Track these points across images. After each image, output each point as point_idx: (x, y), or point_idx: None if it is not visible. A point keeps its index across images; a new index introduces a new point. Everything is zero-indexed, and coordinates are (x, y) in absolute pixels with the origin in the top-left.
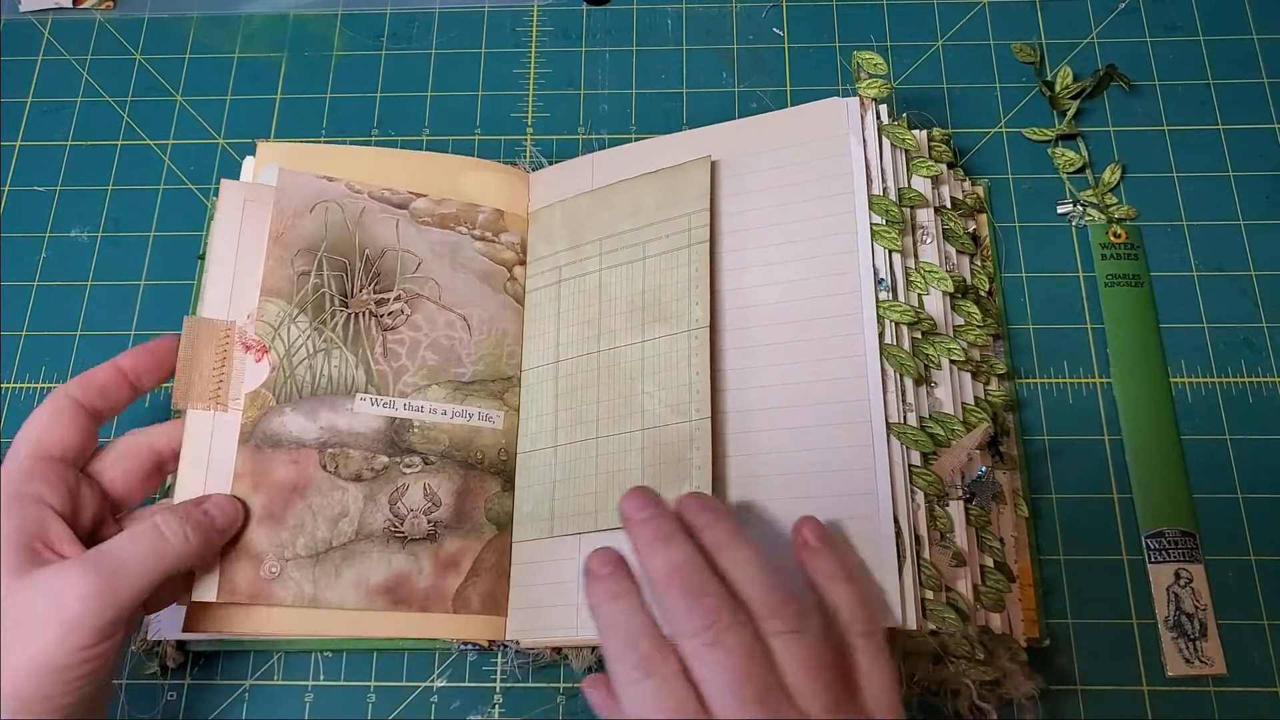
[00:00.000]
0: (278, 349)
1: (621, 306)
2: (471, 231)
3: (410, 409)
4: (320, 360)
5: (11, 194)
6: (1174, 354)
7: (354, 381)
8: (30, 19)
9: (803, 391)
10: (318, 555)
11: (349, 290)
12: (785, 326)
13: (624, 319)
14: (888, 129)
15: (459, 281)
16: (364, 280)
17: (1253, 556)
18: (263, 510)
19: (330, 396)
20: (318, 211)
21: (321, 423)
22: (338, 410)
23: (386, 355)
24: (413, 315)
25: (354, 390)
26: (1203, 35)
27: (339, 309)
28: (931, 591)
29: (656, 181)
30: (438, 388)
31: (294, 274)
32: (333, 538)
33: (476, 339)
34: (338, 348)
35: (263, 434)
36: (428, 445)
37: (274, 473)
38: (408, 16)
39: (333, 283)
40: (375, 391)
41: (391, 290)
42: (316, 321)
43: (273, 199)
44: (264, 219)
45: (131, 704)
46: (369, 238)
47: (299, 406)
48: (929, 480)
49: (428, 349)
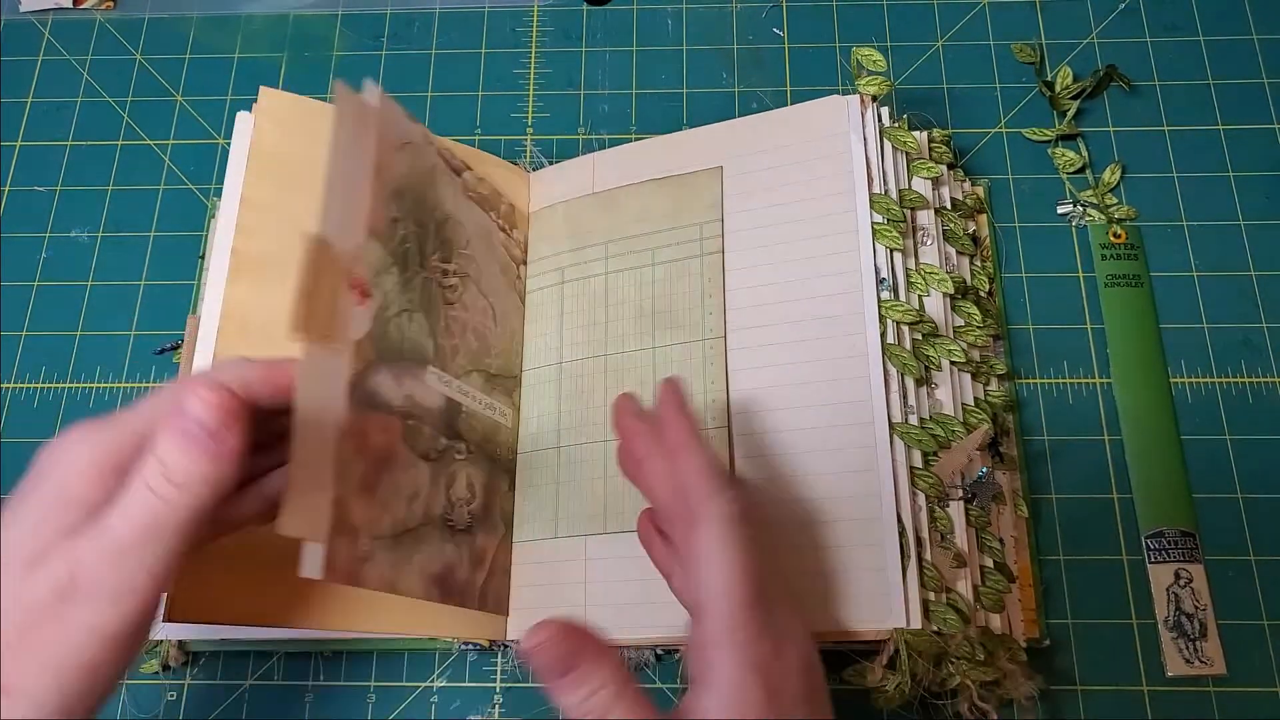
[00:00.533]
0: (376, 299)
1: (630, 311)
2: (497, 220)
3: (463, 393)
4: (405, 321)
5: (11, 194)
6: (1174, 354)
7: (425, 351)
8: (30, 19)
9: (805, 392)
10: (398, 537)
11: (424, 251)
12: (786, 326)
13: (633, 324)
14: (889, 131)
15: (490, 269)
16: (434, 244)
17: (1253, 556)
18: (360, 480)
19: (411, 363)
20: (406, 151)
21: (405, 390)
22: (417, 379)
23: (447, 330)
24: (463, 294)
25: (425, 360)
26: (1203, 35)
27: (418, 269)
28: (933, 592)
29: (665, 188)
30: (477, 374)
31: (388, 218)
32: (408, 519)
33: (498, 331)
34: (417, 311)
35: (363, 392)
36: (470, 433)
37: (370, 437)
38: (408, 16)
39: (415, 238)
40: (439, 367)
41: (450, 262)
42: (404, 277)
43: (374, 122)
44: (369, 140)
45: (131, 704)
46: (438, 197)
47: (390, 368)
48: (930, 482)
49: (471, 332)
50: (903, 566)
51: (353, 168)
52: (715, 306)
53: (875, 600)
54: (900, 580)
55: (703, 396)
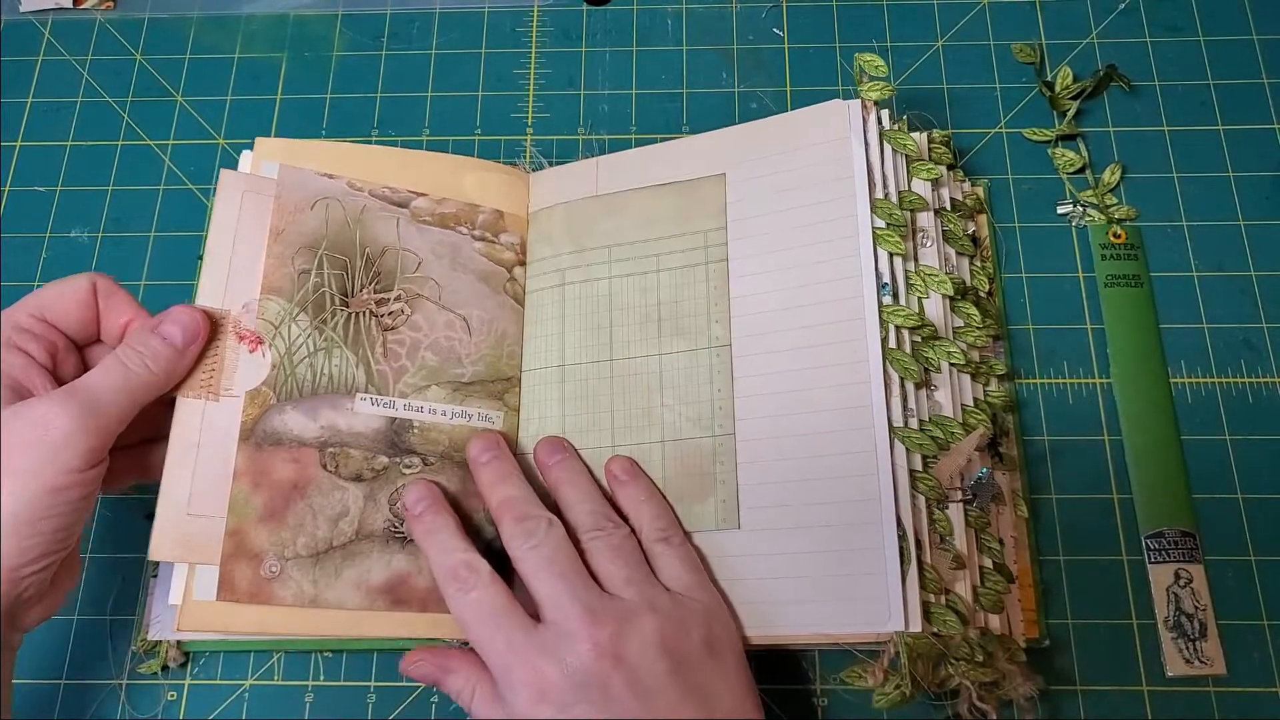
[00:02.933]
0: (279, 347)
1: (635, 316)
2: (471, 232)
3: (410, 409)
4: (321, 359)
5: (12, 194)
6: (1174, 354)
7: (354, 381)
8: (30, 19)
9: (808, 398)
10: (318, 555)
11: (349, 289)
12: (790, 333)
13: (638, 329)
14: (889, 134)
15: (459, 282)
16: (365, 279)
17: (1253, 557)
18: (264, 509)
19: (331, 395)
20: (318, 209)
21: (322, 421)
22: (338, 409)
23: (387, 355)
24: (413, 315)
25: (354, 390)
26: (1203, 35)
27: (339, 308)
28: (933, 595)
29: (669, 193)
30: (437, 388)
31: (294, 272)
32: (333, 537)
33: (476, 340)
34: (338, 347)
35: (264, 432)
36: (427, 446)
37: (275, 471)
38: (408, 16)
39: (333, 281)
40: (375, 391)
41: (392, 290)
42: (317, 320)
43: (273, 192)
44: (263, 210)
45: (131, 704)
46: (370, 236)
47: (300, 405)
48: (930, 484)
49: (428, 349)
50: (903, 570)
51: (241, 235)
52: (721, 314)
53: (876, 604)
54: (900, 583)
55: (709, 404)
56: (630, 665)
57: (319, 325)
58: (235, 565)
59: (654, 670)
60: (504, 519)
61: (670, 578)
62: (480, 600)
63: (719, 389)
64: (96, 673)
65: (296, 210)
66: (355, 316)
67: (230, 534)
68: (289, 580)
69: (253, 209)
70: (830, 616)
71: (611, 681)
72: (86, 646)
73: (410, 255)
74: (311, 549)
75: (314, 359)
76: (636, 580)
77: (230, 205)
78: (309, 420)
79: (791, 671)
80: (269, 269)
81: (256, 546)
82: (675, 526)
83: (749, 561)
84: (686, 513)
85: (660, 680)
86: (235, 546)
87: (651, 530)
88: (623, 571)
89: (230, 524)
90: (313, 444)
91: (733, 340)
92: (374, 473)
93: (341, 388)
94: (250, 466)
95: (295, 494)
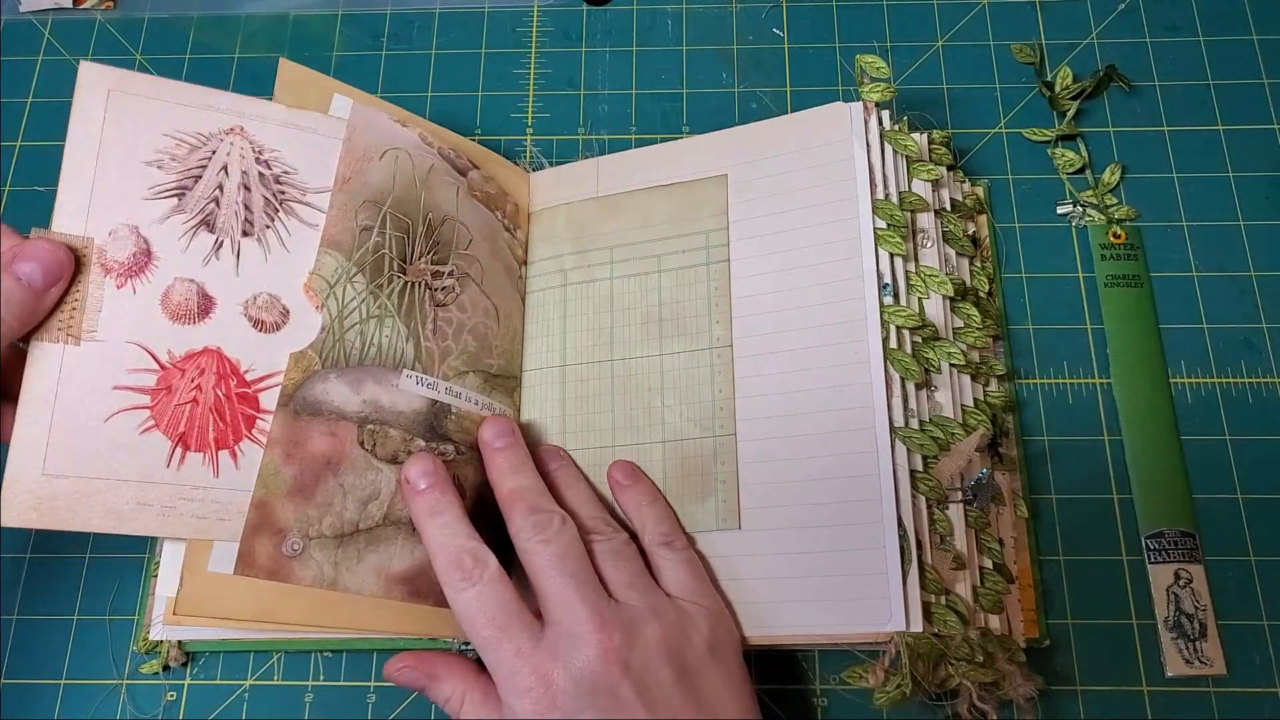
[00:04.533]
0: (331, 308)
1: (636, 318)
2: (504, 220)
3: (451, 394)
4: (372, 327)
5: (12, 194)
6: (1174, 354)
7: (402, 355)
8: (30, 19)
9: (809, 399)
10: (342, 537)
11: (409, 255)
12: (791, 334)
13: (639, 330)
14: (889, 135)
15: (495, 268)
16: (424, 247)
17: (1253, 557)
18: (293, 482)
19: (377, 368)
20: (388, 159)
21: (365, 395)
22: (383, 384)
23: (435, 333)
24: (461, 294)
25: (401, 365)
26: (1202, 35)
27: (396, 274)
28: (933, 595)
29: (670, 194)
30: (474, 375)
31: (357, 227)
32: (360, 520)
33: (501, 331)
34: (391, 316)
35: (303, 400)
36: (462, 435)
37: (310, 443)
38: (408, 16)
39: (394, 244)
40: (421, 370)
41: (447, 263)
42: (373, 284)
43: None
44: (135, 115)
45: (131, 704)
46: (433, 200)
47: (345, 375)
48: (930, 485)
49: (469, 333)
50: (904, 570)
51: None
52: (722, 315)
53: (877, 604)
54: (901, 583)
55: (710, 404)
56: (636, 672)
57: (374, 290)
58: (257, 539)
59: (660, 678)
60: (515, 509)
61: (672, 582)
62: (487, 597)
63: (720, 389)
64: (96, 673)
65: (365, 158)
66: (411, 286)
67: (256, 506)
68: (310, 560)
69: (120, 113)
70: (831, 617)
71: (619, 687)
72: (86, 646)
73: (464, 230)
74: (336, 530)
75: (365, 326)
76: (639, 586)
77: (92, 108)
78: (352, 392)
79: (791, 671)
80: (330, 221)
81: (281, 521)
82: (678, 531)
83: (750, 562)
84: (687, 513)
85: (666, 688)
86: (260, 519)
87: (654, 534)
88: (625, 576)
89: (257, 495)
90: (353, 418)
91: (734, 341)
92: (410, 456)
93: (389, 361)
94: (285, 435)
95: (328, 470)
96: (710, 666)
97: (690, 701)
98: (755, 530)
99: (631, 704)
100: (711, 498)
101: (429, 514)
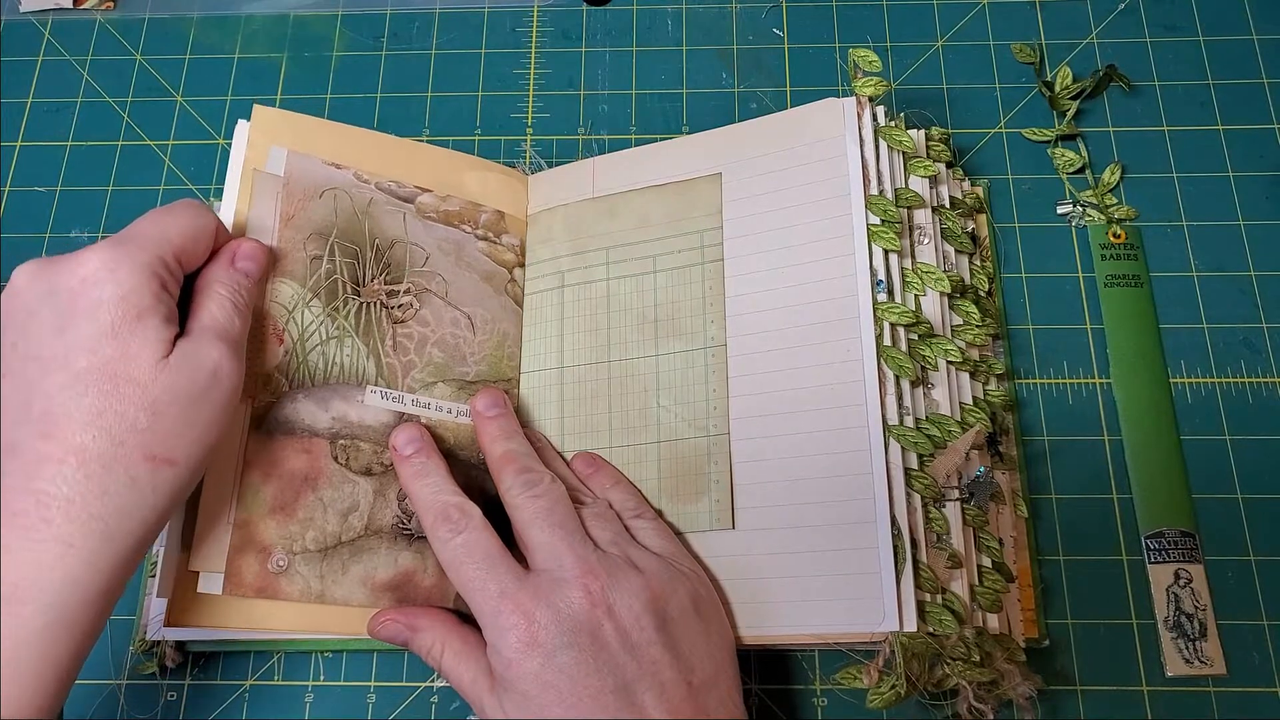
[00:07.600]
0: (292, 332)
1: (633, 318)
2: (474, 231)
3: (418, 405)
4: (333, 348)
5: (11, 194)
6: (1174, 354)
7: (364, 372)
8: (30, 19)
9: (802, 397)
10: (326, 550)
11: (360, 278)
12: (784, 332)
13: (635, 331)
14: (884, 131)
15: (463, 280)
16: (375, 270)
17: (1253, 556)
18: (273, 501)
19: (342, 386)
20: (327, 198)
21: (333, 412)
22: (349, 401)
23: (396, 348)
24: (421, 310)
25: (364, 381)
26: (1202, 35)
27: (351, 296)
28: (929, 594)
29: (665, 194)
30: (443, 385)
31: (307, 257)
32: (342, 532)
33: (479, 339)
34: (349, 336)
35: (275, 420)
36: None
37: (286, 461)
38: (408, 16)
39: (344, 269)
40: (385, 384)
41: (401, 282)
42: (329, 308)
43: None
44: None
45: (131, 704)
46: (378, 227)
47: (311, 394)
48: (925, 483)
49: (434, 345)
50: (897, 569)
51: None
52: (717, 314)
53: (871, 603)
54: (895, 583)
55: (704, 404)
56: (619, 617)
57: (331, 312)
58: (242, 559)
59: (641, 624)
60: (505, 470)
61: (647, 542)
62: (471, 543)
63: (714, 389)
64: (96, 673)
65: (305, 198)
66: (366, 306)
67: (239, 526)
68: (296, 575)
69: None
70: (825, 617)
71: (602, 629)
72: None
73: (418, 249)
74: (320, 544)
75: (326, 347)
76: (622, 542)
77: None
78: (321, 410)
79: (790, 671)
80: (282, 253)
81: (265, 540)
82: (646, 505)
83: (744, 561)
84: (681, 513)
85: (648, 635)
86: (243, 539)
87: (624, 510)
88: (609, 534)
89: (239, 516)
90: (324, 434)
91: (728, 340)
92: (383, 467)
93: (352, 378)
94: (261, 456)
95: (306, 486)
96: (692, 621)
97: (670, 651)
98: (749, 530)
99: (613, 647)
100: (705, 498)
101: (416, 476)
